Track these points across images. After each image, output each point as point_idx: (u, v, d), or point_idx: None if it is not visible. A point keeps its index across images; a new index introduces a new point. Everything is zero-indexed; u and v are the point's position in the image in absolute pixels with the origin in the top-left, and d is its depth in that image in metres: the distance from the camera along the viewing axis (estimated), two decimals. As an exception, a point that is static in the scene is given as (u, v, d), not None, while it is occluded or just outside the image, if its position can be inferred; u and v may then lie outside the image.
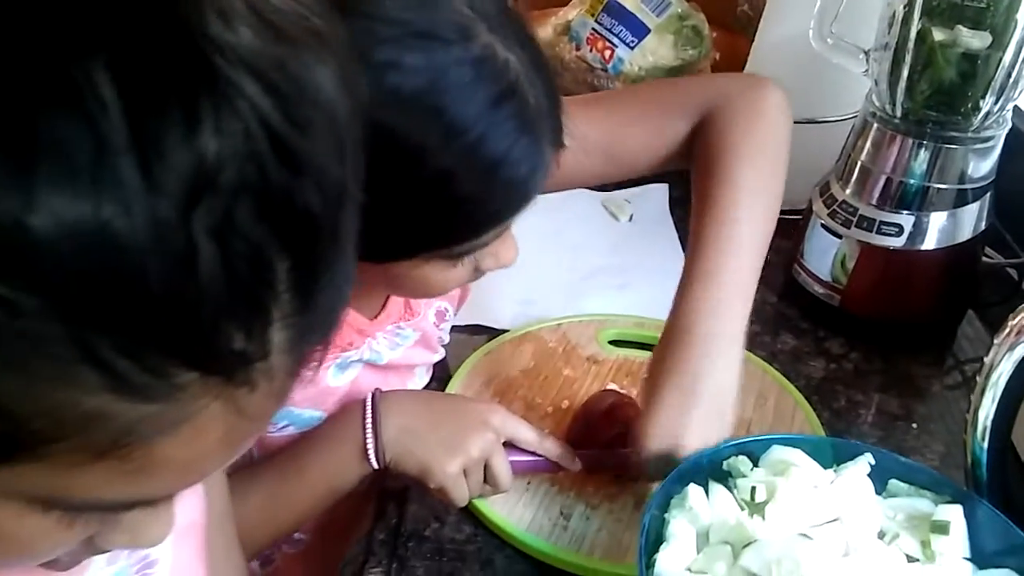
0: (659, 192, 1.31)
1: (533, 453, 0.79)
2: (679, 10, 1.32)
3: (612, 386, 0.94)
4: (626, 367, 0.98)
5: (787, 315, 1.10)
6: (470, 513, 0.80)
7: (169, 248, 0.28)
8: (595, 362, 0.98)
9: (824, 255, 1.05)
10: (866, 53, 1.02)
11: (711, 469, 0.71)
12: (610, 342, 1.02)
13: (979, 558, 0.65)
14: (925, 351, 1.04)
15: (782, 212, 1.22)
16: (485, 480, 0.76)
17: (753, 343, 1.02)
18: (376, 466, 0.73)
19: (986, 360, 0.72)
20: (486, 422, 0.76)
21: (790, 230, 1.15)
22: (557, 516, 0.80)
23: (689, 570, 0.64)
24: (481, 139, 0.60)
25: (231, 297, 0.30)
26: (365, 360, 0.80)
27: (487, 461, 0.75)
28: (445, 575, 0.76)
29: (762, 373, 0.98)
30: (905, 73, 0.96)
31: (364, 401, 0.74)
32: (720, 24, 1.47)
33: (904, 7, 0.95)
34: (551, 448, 0.78)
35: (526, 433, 0.78)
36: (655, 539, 0.66)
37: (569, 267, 1.15)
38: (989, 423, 0.71)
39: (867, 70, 1.02)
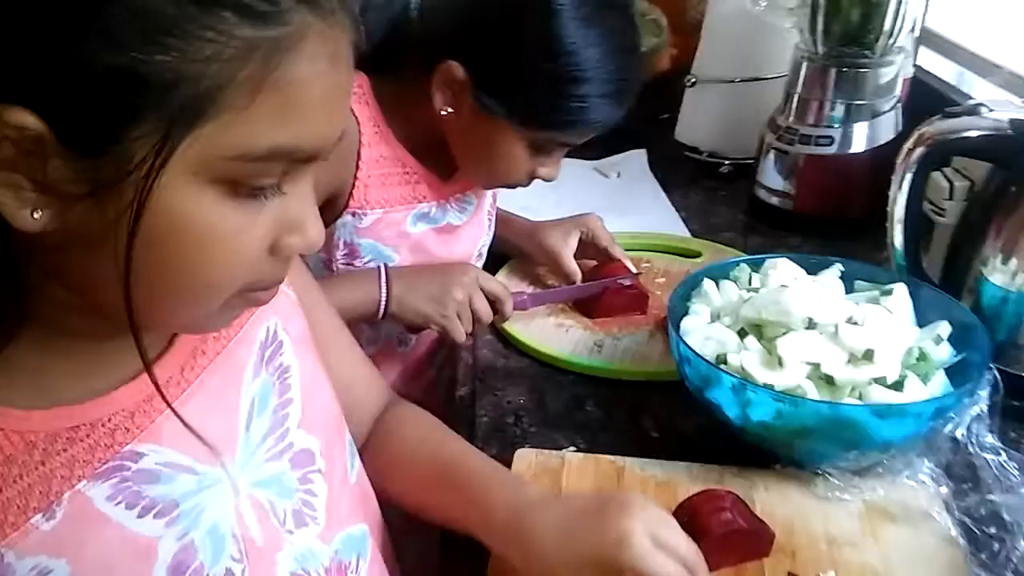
0: (640, 156, 1.60)
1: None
2: (640, 6, 1.63)
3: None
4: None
5: (753, 225, 1.38)
6: (526, 354, 1.05)
7: None
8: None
9: (777, 172, 1.33)
10: (791, 10, 1.32)
11: (720, 274, 0.97)
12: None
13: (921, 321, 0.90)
14: (866, 238, 1.30)
15: (740, 158, 1.52)
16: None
17: (729, 246, 1.29)
18: (380, 316, 0.99)
19: (892, 188, 1.00)
20: (464, 272, 1.03)
21: (746, 171, 1.45)
22: (592, 346, 1.06)
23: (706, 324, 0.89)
24: (617, 67, 0.92)
25: None
26: (432, 217, 1.06)
27: (470, 302, 1.02)
28: (513, 386, 1.00)
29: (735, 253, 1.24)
30: (821, 20, 1.26)
31: (378, 270, 1.00)
32: (673, 27, 1.77)
33: (815, -31, 1.26)
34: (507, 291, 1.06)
35: (492, 284, 1.05)
36: (680, 317, 0.91)
37: (575, 208, 1.41)
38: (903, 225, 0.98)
39: (793, 24, 1.32)
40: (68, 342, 0.53)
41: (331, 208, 0.99)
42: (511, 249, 1.22)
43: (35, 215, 0.44)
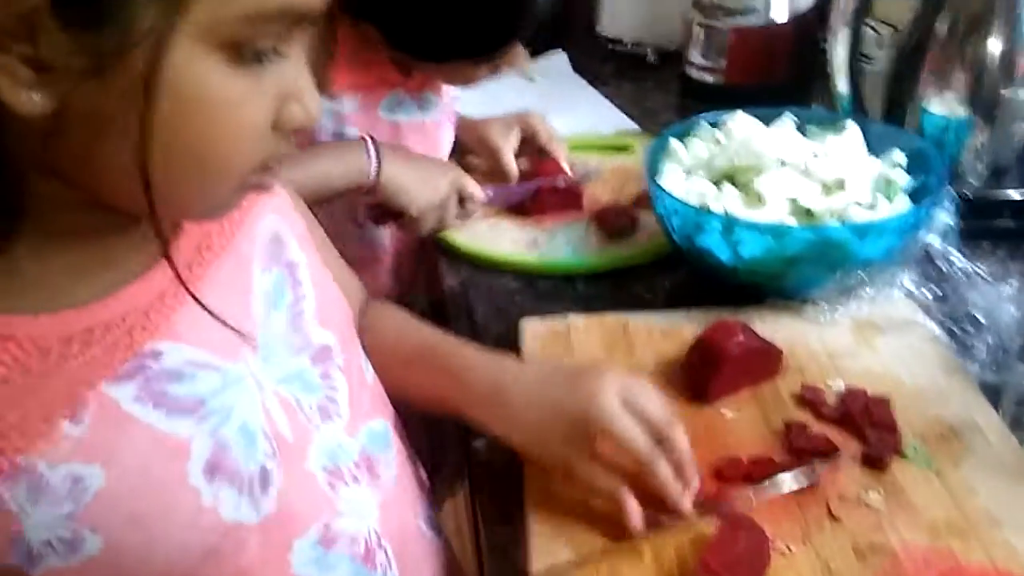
0: (560, 57, 1.62)
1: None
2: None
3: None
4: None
5: (687, 105, 1.41)
6: (471, 263, 1.05)
7: None
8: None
9: (707, 48, 1.38)
10: None
11: (685, 135, 1.00)
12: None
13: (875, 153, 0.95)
14: (793, 101, 1.35)
15: (665, 46, 1.55)
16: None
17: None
18: (370, 179, 0.98)
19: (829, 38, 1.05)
20: (451, 167, 1.06)
21: (671, 57, 1.50)
22: (532, 243, 1.07)
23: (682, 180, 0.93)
24: None
25: None
26: (404, 107, 1.08)
27: (460, 190, 1.04)
28: (499, 273, 1.02)
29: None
30: None
31: (364, 140, 0.99)
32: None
33: None
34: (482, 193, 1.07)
35: (472, 186, 1.06)
36: (655, 177, 0.94)
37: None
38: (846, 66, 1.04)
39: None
40: (68, 242, 0.51)
41: None
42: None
43: (33, 97, 0.42)
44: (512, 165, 1.16)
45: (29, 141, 0.45)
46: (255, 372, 0.58)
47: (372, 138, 0.99)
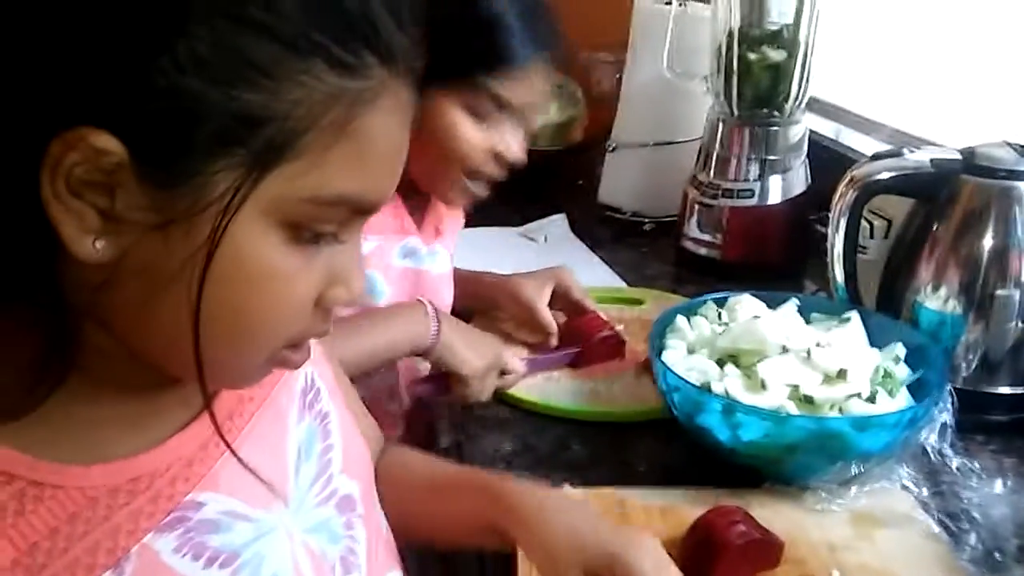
0: (561, 220, 1.66)
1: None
2: (558, 79, 1.72)
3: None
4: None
5: (682, 275, 1.45)
6: (504, 403, 1.08)
7: None
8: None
9: (703, 223, 1.42)
10: (705, 78, 1.43)
11: (688, 312, 1.03)
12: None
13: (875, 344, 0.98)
14: (786, 280, 1.39)
15: (661, 217, 1.60)
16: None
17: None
18: (429, 343, 1.00)
19: (829, 229, 1.09)
20: (499, 342, 1.08)
21: (667, 228, 1.54)
22: (588, 393, 1.09)
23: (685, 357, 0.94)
24: None
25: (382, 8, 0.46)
26: (417, 255, 1.10)
27: (503, 363, 1.05)
28: (494, 434, 1.02)
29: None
30: (735, 84, 1.37)
31: (422, 305, 1.01)
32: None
33: (726, 39, 1.37)
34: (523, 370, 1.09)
35: (515, 361, 1.07)
36: (659, 352, 0.96)
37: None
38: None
39: (707, 88, 1.43)
40: (117, 392, 0.52)
41: None
42: (482, 303, 1.24)
43: (96, 244, 0.44)
44: (551, 322, 1.18)
45: (84, 290, 0.46)
46: (286, 522, 0.59)
47: (431, 303, 1.01)
